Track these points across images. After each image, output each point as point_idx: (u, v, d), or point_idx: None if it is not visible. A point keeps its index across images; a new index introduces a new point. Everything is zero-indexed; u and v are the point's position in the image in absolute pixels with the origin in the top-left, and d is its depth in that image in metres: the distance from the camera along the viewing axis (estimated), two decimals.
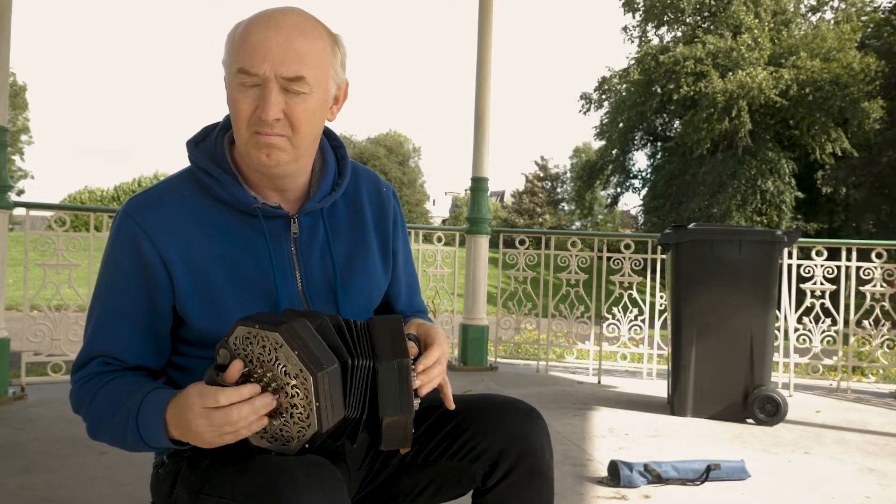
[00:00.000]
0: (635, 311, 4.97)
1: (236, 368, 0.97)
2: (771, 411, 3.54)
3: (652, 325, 4.93)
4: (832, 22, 25.91)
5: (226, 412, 0.95)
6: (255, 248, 1.14)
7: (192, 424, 0.97)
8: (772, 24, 25.74)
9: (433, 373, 1.11)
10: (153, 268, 1.10)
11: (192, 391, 0.98)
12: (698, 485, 2.55)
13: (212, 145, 1.17)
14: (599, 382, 4.65)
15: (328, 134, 1.24)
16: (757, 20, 25.12)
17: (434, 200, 58.40)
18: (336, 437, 1.04)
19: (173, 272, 1.11)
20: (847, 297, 4.68)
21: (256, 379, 0.98)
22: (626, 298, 4.97)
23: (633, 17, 28.30)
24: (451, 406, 1.16)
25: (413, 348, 1.10)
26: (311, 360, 0.95)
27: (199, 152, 1.16)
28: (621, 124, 27.97)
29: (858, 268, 4.66)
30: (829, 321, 4.61)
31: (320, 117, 1.12)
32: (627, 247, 4.99)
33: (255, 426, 0.97)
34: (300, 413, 0.96)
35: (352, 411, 1.01)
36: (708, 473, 2.56)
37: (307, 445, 0.98)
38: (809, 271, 4.66)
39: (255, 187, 1.16)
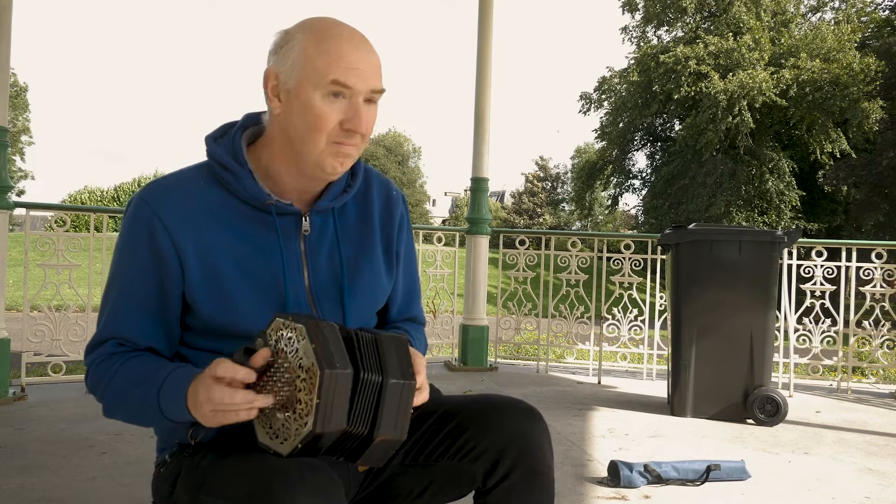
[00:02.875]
0: (635, 311, 4.97)
1: (262, 355, 0.99)
2: (771, 411, 3.55)
3: (652, 326, 4.94)
4: (832, 22, 25.91)
5: (221, 389, 0.97)
6: (266, 243, 1.16)
7: (198, 392, 1.00)
8: (772, 25, 25.74)
9: (423, 395, 1.13)
10: (166, 254, 1.12)
11: (215, 361, 1.00)
12: (698, 485, 2.55)
13: (230, 142, 1.19)
14: (599, 383, 4.65)
15: None
16: (757, 21, 25.12)
17: (434, 200, 58.41)
18: (335, 451, 1.02)
19: (185, 260, 1.12)
20: (847, 298, 4.68)
21: (276, 368, 0.99)
22: (626, 299, 4.97)
23: (633, 17, 28.33)
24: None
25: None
26: (324, 356, 0.95)
27: (217, 147, 1.18)
28: (621, 124, 27.98)
29: (858, 268, 4.66)
30: (829, 321, 4.61)
31: None
32: (627, 247, 4.99)
33: (244, 415, 0.98)
34: (302, 409, 0.96)
35: (355, 426, 0.99)
36: (708, 474, 2.56)
37: (300, 446, 0.96)
38: (809, 271, 4.66)
39: (275, 185, 1.18)
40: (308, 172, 1.15)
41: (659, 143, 29.65)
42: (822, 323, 4.61)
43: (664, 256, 4.64)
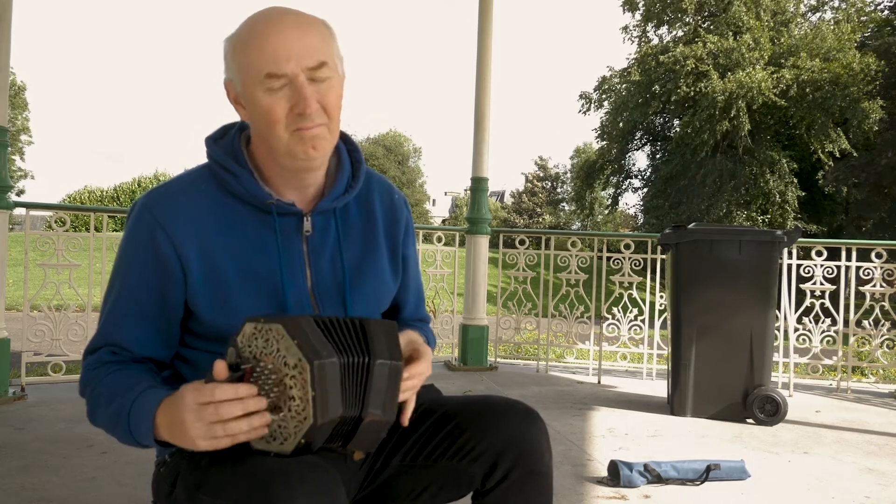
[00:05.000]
0: (635, 311, 4.97)
1: (220, 367, 0.98)
2: (771, 411, 3.55)
3: (652, 325, 4.94)
4: (832, 22, 25.90)
5: (216, 407, 0.95)
6: (267, 244, 1.16)
7: (185, 421, 0.97)
8: (771, 25, 25.74)
9: (410, 385, 1.12)
10: (168, 262, 1.12)
11: (188, 387, 0.98)
12: (698, 485, 2.55)
13: (230, 142, 1.19)
14: (599, 382, 4.65)
15: (344, 137, 1.26)
16: (757, 20, 25.11)
17: (434, 200, 58.41)
18: (333, 439, 1.03)
19: (187, 267, 1.12)
20: (847, 297, 4.68)
21: (259, 372, 0.98)
22: (625, 298, 4.97)
23: (633, 17, 28.33)
24: (404, 423, 1.15)
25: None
26: (309, 349, 0.96)
27: (217, 148, 1.18)
28: (621, 124, 27.97)
29: (858, 268, 4.66)
30: (828, 321, 4.61)
31: (342, 98, 1.16)
32: (627, 247, 4.99)
33: (245, 430, 0.96)
34: (297, 405, 0.96)
35: (349, 409, 1.01)
36: (708, 473, 2.56)
37: (303, 441, 0.97)
38: (809, 271, 4.66)
39: (273, 185, 1.18)
40: (288, 165, 1.15)
41: (659, 143, 29.65)
42: (822, 322, 4.61)
43: (664, 256, 4.64)
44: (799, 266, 4.68)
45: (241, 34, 1.11)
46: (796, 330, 4.63)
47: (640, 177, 31.20)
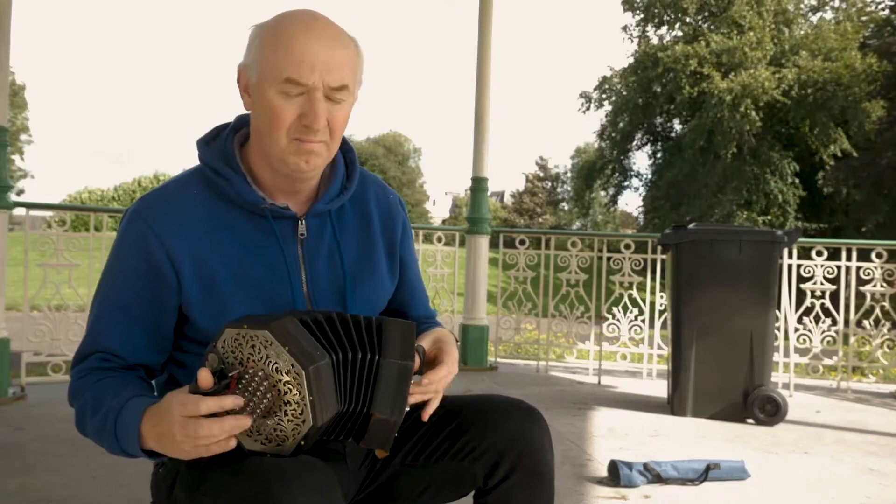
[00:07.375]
0: (635, 311, 4.97)
1: (204, 375, 0.96)
2: (771, 411, 3.54)
3: (652, 325, 4.93)
4: (833, 22, 25.90)
5: (197, 424, 0.94)
6: (262, 248, 1.15)
7: (173, 433, 0.96)
8: (773, 24, 25.73)
9: (429, 389, 1.12)
10: (161, 268, 1.11)
11: (175, 399, 0.97)
12: (698, 484, 2.55)
13: (222, 145, 1.17)
14: (599, 382, 4.65)
15: None
16: (758, 20, 25.11)
17: (434, 200, 58.41)
18: (332, 433, 1.04)
19: (181, 272, 1.11)
20: (847, 297, 4.68)
21: (247, 380, 0.97)
22: (626, 298, 4.97)
23: (633, 17, 28.31)
24: (424, 418, 1.15)
25: (416, 361, 1.10)
26: (302, 354, 0.95)
27: (209, 151, 1.17)
28: (621, 124, 27.96)
29: (858, 268, 4.66)
30: (829, 321, 4.61)
31: (349, 118, 1.15)
32: (627, 247, 4.99)
33: (223, 445, 0.96)
34: (294, 409, 0.96)
35: (344, 404, 1.02)
36: (707, 473, 2.56)
37: (303, 443, 0.98)
38: (809, 271, 4.66)
39: (265, 188, 1.17)
40: (278, 169, 1.13)
41: (659, 143, 29.64)
42: (822, 323, 4.61)
43: (664, 256, 4.64)
44: (799, 266, 4.68)
45: (272, 28, 1.09)
46: (796, 330, 4.63)
47: (640, 177, 31.23)
